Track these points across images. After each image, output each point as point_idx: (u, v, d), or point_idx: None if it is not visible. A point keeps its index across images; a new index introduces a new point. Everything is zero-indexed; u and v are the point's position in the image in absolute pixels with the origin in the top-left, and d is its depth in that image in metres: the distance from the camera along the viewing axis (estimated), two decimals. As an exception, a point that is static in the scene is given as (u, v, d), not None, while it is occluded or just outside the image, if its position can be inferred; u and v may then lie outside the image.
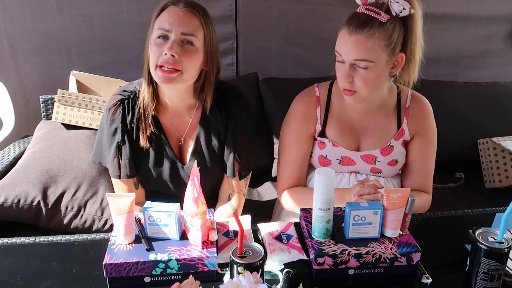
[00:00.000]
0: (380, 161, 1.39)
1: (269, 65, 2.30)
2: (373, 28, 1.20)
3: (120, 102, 1.30)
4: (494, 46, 2.51)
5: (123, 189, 1.37)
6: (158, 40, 1.18)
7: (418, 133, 1.40)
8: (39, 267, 1.06)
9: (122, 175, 1.32)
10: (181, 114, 1.35)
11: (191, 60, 1.19)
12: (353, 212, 1.04)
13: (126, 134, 1.30)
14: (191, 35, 1.18)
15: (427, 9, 2.32)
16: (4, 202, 1.47)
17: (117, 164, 1.31)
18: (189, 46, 1.18)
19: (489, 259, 0.93)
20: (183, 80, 1.21)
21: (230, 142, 1.34)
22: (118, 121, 1.30)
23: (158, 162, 1.34)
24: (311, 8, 2.20)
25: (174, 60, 1.16)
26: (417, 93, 1.44)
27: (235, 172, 1.35)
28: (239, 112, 1.34)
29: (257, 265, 0.90)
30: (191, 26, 1.18)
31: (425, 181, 1.42)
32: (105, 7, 2.01)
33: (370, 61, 1.21)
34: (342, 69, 1.26)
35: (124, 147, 1.30)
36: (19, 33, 1.97)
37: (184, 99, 1.31)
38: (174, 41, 1.16)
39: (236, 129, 1.33)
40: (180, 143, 1.37)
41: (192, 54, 1.18)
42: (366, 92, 1.27)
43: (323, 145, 1.40)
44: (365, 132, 1.40)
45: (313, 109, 1.41)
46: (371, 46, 1.20)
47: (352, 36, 1.21)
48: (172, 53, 1.15)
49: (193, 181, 1.00)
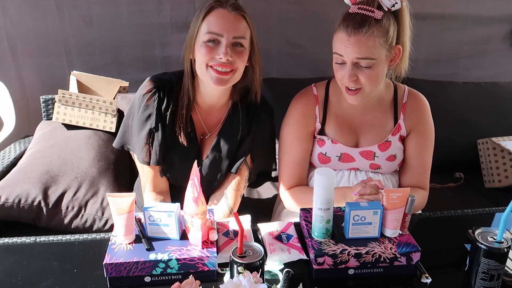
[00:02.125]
0: (379, 156, 1.39)
1: (269, 66, 2.29)
2: (371, 26, 1.20)
3: (155, 89, 1.31)
4: (493, 47, 2.52)
5: (149, 175, 1.37)
6: (210, 44, 1.21)
7: (414, 129, 1.41)
8: (39, 267, 1.06)
9: (152, 162, 1.33)
10: (212, 112, 1.38)
11: (242, 60, 1.24)
12: (353, 212, 1.04)
13: (160, 121, 1.31)
14: (241, 37, 1.22)
15: (427, 9, 2.33)
16: (5, 202, 1.47)
17: (147, 150, 1.33)
18: (240, 48, 1.23)
19: (488, 259, 0.93)
20: (235, 78, 1.26)
21: (248, 143, 1.38)
22: (153, 108, 1.30)
23: (184, 153, 1.36)
24: (312, 9, 2.20)
25: (229, 62, 1.21)
26: (414, 90, 1.45)
27: (239, 171, 1.38)
28: (265, 118, 1.40)
29: (257, 265, 0.90)
30: (241, 29, 1.22)
31: (422, 178, 1.43)
32: (105, 8, 2.01)
33: (372, 58, 1.22)
34: (343, 69, 1.26)
35: (157, 134, 1.31)
36: (19, 33, 1.97)
37: (222, 97, 1.35)
38: (227, 45, 1.20)
39: (258, 132, 1.38)
40: (201, 137, 1.39)
41: (243, 54, 1.24)
42: (370, 88, 1.28)
43: (323, 142, 1.41)
44: (363, 129, 1.41)
45: (312, 107, 1.41)
46: (372, 44, 1.21)
47: (351, 37, 1.21)
48: (228, 57, 1.19)
49: (193, 181, 1.00)
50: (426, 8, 2.32)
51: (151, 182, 1.37)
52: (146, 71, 1.41)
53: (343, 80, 1.28)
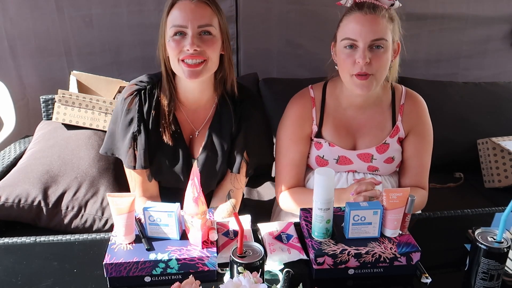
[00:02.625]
0: (377, 159, 1.39)
1: (269, 66, 2.30)
2: (383, 11, 1.25)
3: (136, 92, 1.31)
4: (493, 47, 2.52)
5: (137, 181, 1.37)
6: (176, 37, 1.20)
7: (413, 130, 1.41)
8: (39, 267, 1.06)
9: (137, 166, 1.32)
10: (198, 109, 1.36)
11: (213, 49, 1.21)
12: (353, 212, 1.04)
13: (142, 124, 1.30)
14: (207, 25, 1.19)
15: (427, 9, 2.33)
16: (5, 202, 1.47)
17: (132, 154, 1.32)
18: (208, 36, 1.20)
19: (488, 259, 0.93)
20: (208, 69, 1.23)
21: (241, 140, 1.36)
22: (135, 111, 1.30)
23: (172, 154, 1.35)
24: (312, 9, 2.20)
25: (198, 53, 1.18)
26: (411, 91, 1.45)
27: (240, 169, 1.37)
28: (254, 111, 1.37)
29: (257, 265, 0.90)
30: (206, 16, 1.19)
31: (421, 178, 1.43)
32: (105, 8, 2.01)
33: (385, 39, 1.24)
34: (355, 54, 1.24)
35: (140, 137, 1.30)
36: (19, 34, 1.97)
37: (204, 91, 1.32)
38: (193, 35, 1.18)
39: (249, 127, 1.36)
40: (190, 136, 1.38)
41: (212, 42, 1.21)
42: (381, 75, 1.28)
43: (320, 145, 1.41)
44: (361, 131, 1.41)
45: (309, 110, 1.41)
46: (385, 25, 1.25)
47: (368, 15, 1.23)
48: (195, 48, 1.17)
49: (193, 181, 1.00)
50: (426, 9, 2.32)
51: (140, 187, 1.36)
52: (146, 71, 1.41)
53: (355, 66, 1.25)
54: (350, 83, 1.30)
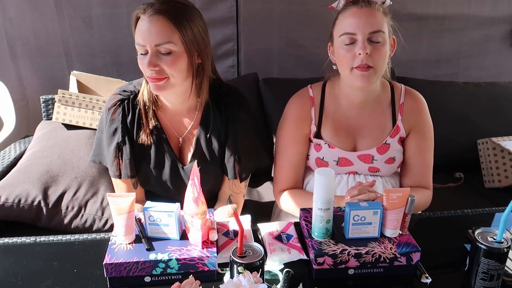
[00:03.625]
0: (378, 160, 1.39)
1: (270, 67, 2.28)
2: (377, 4, 1.26)
3: (119, 102, 1.30)
4: (493, 47, 2.52)
5: (122, 189, 1.37)
6: (141, 56, 1.18)
7: (413, 129, 1.40)
8: (39, 267, 1.06)
9: (123, 175, 1.32)
10: (181, 116, 1.34)
11: (173, 67, 1.16)
12: (353, 212, 1.04)
13: (126, 134, 1.30)
14: (164, 43, 1.14)
15: (428, 10, 2.33)
16: (5, 202, 1.47)
17: (117, 164, 1.31)
18: (166, 55, 1.16)
19: (488, 259, 0.93)
20: (172, 84, 1.20)
21: (231, 145, 1.33)
22: (118, 121, 1.30)
23: (158, 162, 1.34)
24: (313, 10, 2.19)
25: (157, 72, 1.16)
26: (410, 89, 1.44)
27: (236, 174, 1.34)
28: (240, 114, 1.33)
29: (257, 265, 0.90)
30: (162, 34, 1.14)
31: (424, 177, 1.42)
32: (104, 9, 2.00)
33: (383, 31, 1.25)
34: (354, 48, 1.24)
35: (125, 147, 1.30)
36: (19, 34, 1.97)
37: (184, 100, 1.29)
38: (151, 55, 1.15)
39: (237, 131, 1.32)
40: (179, 145, 1.37)
41: (172, 61, 1.16)
42: (380, 67, 1.27)
43: (319, 147, 1.40)
44: (361, 132, 1.40)
45: (308, 110, 1.41)
46: (381, 18, 1.26)
47: (364, 8, 1.24)
48: (151, 68, 1.15)
49: (193, 181, 1.00)
50: (428, 9, 2.32)
51: None
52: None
53: (356, 59, 1.24)
54: (350, 77, 1.28)
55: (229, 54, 2.24)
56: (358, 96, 1.37)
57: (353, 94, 1.37)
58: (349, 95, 1.38)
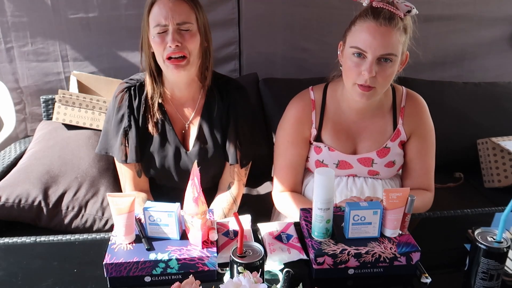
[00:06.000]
0: (377, 163, 1.39)
1: (273, 70, 2.22)
2: (399, 22, 1.20)
3: (126, 89, 1.36)
4: (498, 48, 2.49)
5: (127, 176, 1.40)
6: (159, 36, 1.25)
7: (414, 133, 1.40)
8: (39, 267, 1.06)
9: (129, 159, 1.37)
10: (185, 103, 1.40)
11: (192, 43, 1.26)
12: (352, 212, 1.04)
13: (132, 119, 1.35)
14: (186, 23, 1.25)
15: (435, 11, 2.30)
16: (5, 202, 1.47)
17: (124, 149, 1.36)
18: (187, 32, 1.26)
19: (488, 259, 0.93)
20: (191, 62, 1.28)
21: (232, 129, 1.39)
22: (125, 107, 1.35)
23: (162, 148, 1.38)
24: (317, 12, 2.14)
25: (179, 48, 1.24)
26: (411, 92, 1.43)
27: (237, 159, 1.39)
28: (240, 100, 1.41)
29: (257, 265, 0.90)
30: (184, 14, 1.25)
31: (426, 180, 1.42)
32: (102, 11, 1.97)
33: (395, 55, 1.20)
34: (362, 64, 1.21)
35: (131, 132, 1.35)
36: (16, 36, 1.95)
37: (190, 84, 1.37)
38: (173, 31, 1.23)
39: (238, 116, 1.40)
40: (183, 131, 1.41)
41: (191, 38, 1.26)
42: (383, 88, 1.26)
43: (319, 149, 1.40)
44: (361, 135, 1.40)
45: (308, 113, 1.40)
46: (398, 39, 1.20)
47: (382, 27, 1.18)
48: (176, 44, 1.23)
49: (193, 181, 1.00)
50: (433, 10, 2.29)
51: (131, 182, 1.41)
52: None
53: (360, 76, 1.22)
54: (351, 91, 1.28)
55: (231, 57, 2.19)
56: (359, 103, 1.35)
57: (354, 100, 1.35)
58: (351, 101, 1.36)
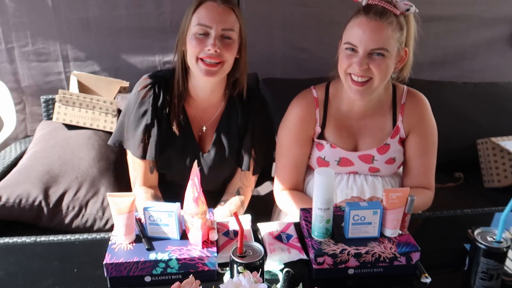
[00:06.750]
0: (378, 160, 1.39)
1: (273, 70, 2.23)
2: (391, 17, 1.22)
3: (150, 85, 1.35)
4: (497, 48, 2.50)
5: (139, 171, 1.40)
6: (199, 36, 1.25)
7: (414, 130, 1.40)
8: (40, 267, 1.06)
9: (148, 156, 1.37)
10: (207, 107, 1.41)
11: (230, 52, 1.27)
12: (352, 212, 1.04)
13: (155, 117, 1.35)
14: (230, 30, 1.25)
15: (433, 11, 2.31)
16: (5, 202, 1.47)
17: (143, 146, 1.36)
18: (228, 40, 1.26)
19: (488, 259, 0.94)
20: (223, 70, 1.29)
21: (249, 137, 1.41)
22: (149, 104, 1.35)
23: (181, 148, 1.40)
24: (317, 12, 2.14)
25: (217, 54, 1.24)
26: (412, 89, 1.43)
27: (250, 166, 1.41)
28: (260, 111, 1.43)
29: (257, 265, 0.90)
30: (230, 21, 1.26)
31: (425, 178, 1.41)
32: (103, 11, 1.97)
33: (386, 50, 1.22)
34: (355, 57, 1.24)
35: (153, 129, 1.35)
36: (17, 36, 1.95)
37: (215, 91, 1.38)
38: (215, 37, 1.24)
39: (256, 125, 1.42)
40: (200, 133, 1.42)
41: (231, 47, 1.27)
42: (379, 81, 1.26)
43: (321, 146, 1.41)
44: (362, 132, 1.40)
45: (312, 111, 1.40)
46: (390, 35, 1.22)
47: (372, 22, 1.20)
48: (216, 49, 1.23)
49: (193, 181, 1.00)
50: (432, 10, 2.29)
51: (142, 177, 1.41)
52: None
53: (350, 68, 1.24)
54: (346, 84, 1.29)
55: None
56: (359, 102, 1.37)
57: (354, 100, 1.36)
58: (351, 98, 1.36)
